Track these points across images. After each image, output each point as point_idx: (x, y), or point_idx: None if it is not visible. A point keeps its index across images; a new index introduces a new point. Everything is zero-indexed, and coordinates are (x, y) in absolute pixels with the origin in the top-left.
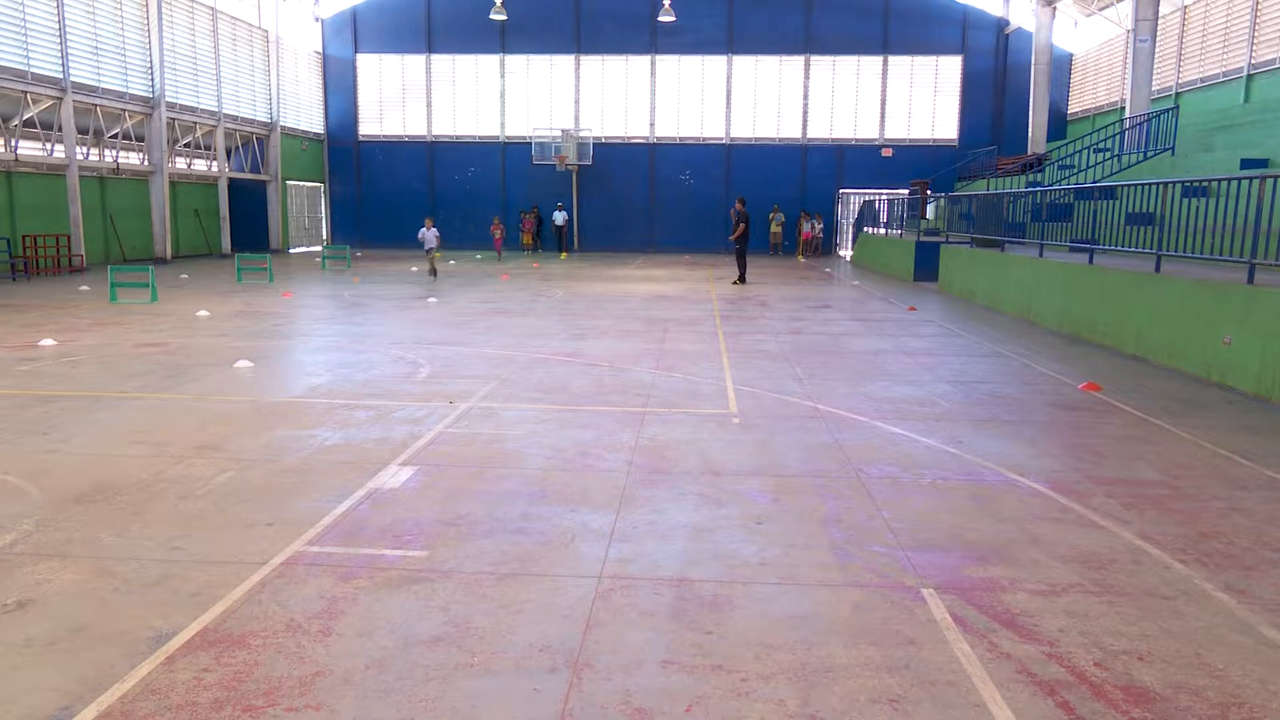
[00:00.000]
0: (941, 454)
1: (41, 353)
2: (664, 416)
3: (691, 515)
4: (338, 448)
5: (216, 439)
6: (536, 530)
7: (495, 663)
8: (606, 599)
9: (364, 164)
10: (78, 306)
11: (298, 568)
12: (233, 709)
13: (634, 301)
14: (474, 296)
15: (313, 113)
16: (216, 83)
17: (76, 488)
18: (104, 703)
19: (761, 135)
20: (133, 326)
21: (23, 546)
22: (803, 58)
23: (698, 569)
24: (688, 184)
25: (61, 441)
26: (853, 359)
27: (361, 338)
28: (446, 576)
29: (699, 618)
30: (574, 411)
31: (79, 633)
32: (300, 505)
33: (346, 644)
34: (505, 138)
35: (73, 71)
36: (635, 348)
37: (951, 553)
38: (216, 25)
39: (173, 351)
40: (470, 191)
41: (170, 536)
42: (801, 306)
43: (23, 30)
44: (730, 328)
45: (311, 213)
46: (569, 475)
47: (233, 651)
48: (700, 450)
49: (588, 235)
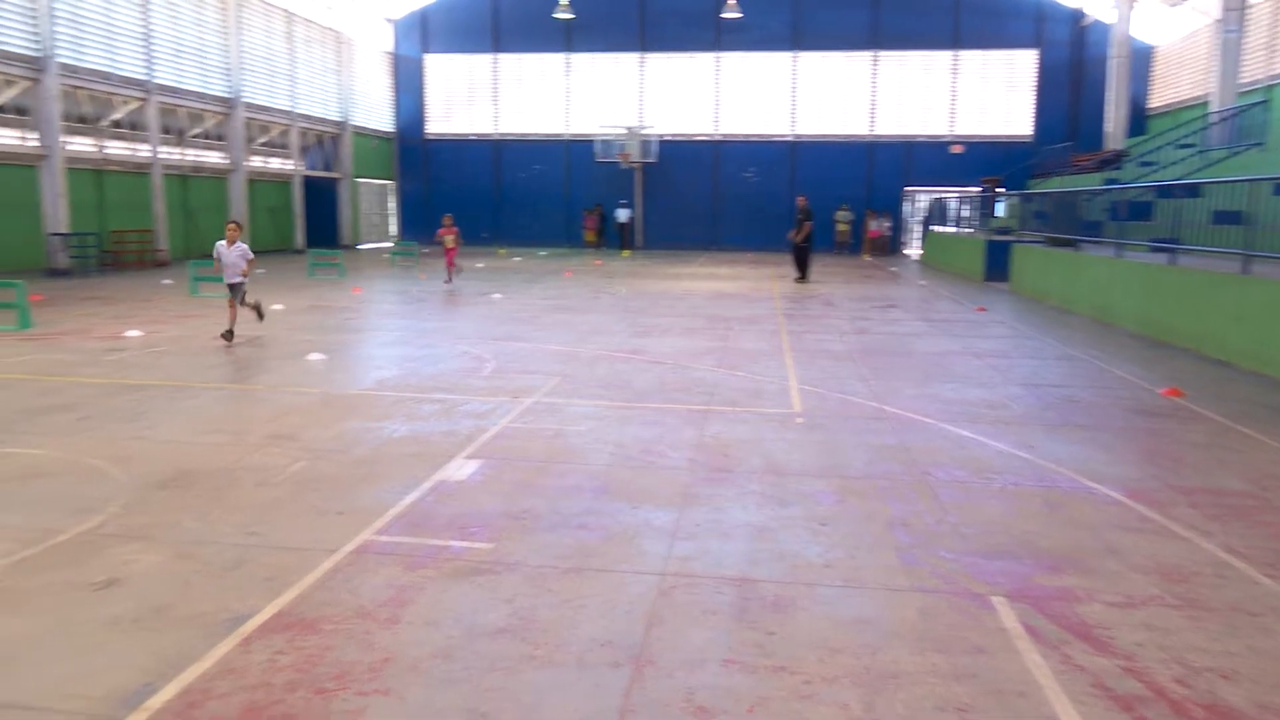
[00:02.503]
0: (1012, 458)
1: (128, 343)
2: (727, 415)
3: (754, 515)
4: (405, 440)
5: (290, 429)
6: (599, 526)
7: (558, 656)
8: (669, 596)
9: (431, 162)
10: (161, 299)
11: (367, 556)
12: (305, 691)
13: (696, 299)
14: (537, 293)
15: (382, 112)
16: (291, 83)
17: (160, 473)
18: (184, 680)
19: (827, 132)
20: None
21: (111, 528)
22: (870, 53)
23: (760, 569)
24: (751, 181)
25: (146, 429)
26: (919, 360)
27: (428, 333)
28: (511, 569)
29: (761, 618)
30: (636, 408)
31: (161, 612)
32: (370, 495)
33: (414, 632)
34: (569, 136)
35: (157, 74)
36: (697, 345)
37: (1023, 560)
38: (291, 28)
39: (249, 344)
40: (535, 189)
41: (246, 522)
42: (867, 306)
43: (110, 35)
44: (794, 327)
45: (380, 209)
46: (631, 472)
47: (305, 635)
48: (763, 449)
49: (650, 233)
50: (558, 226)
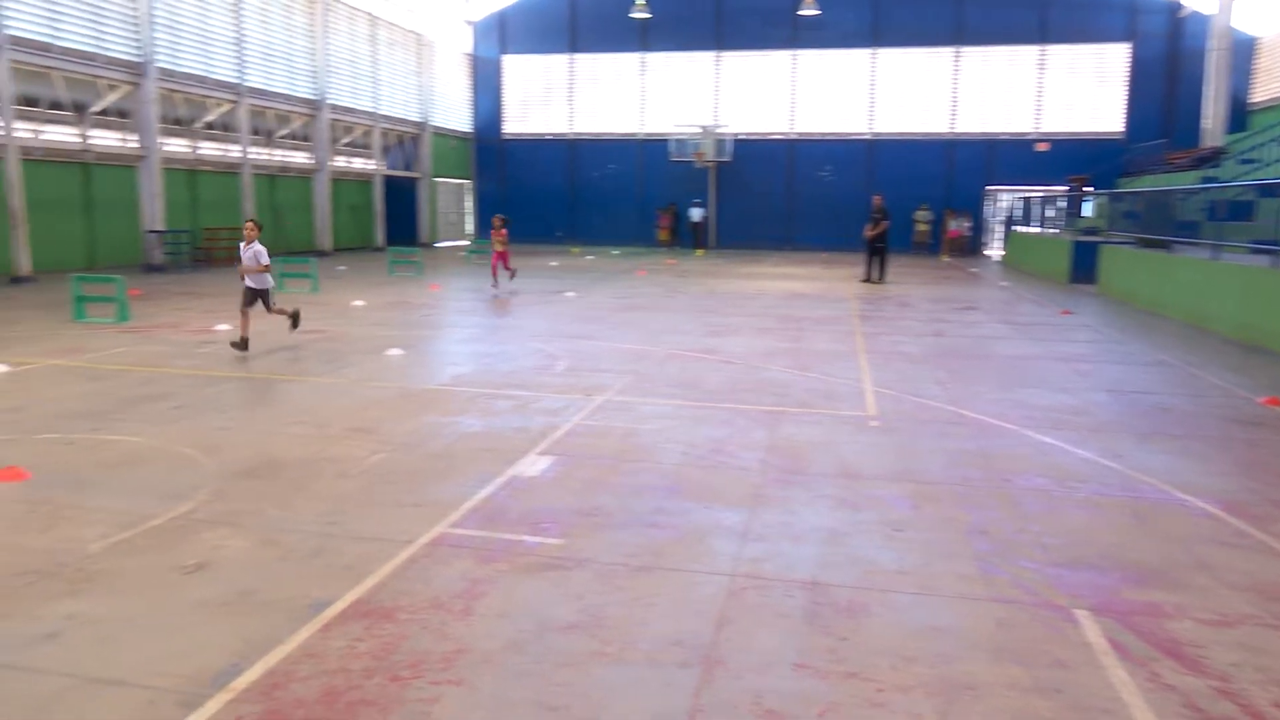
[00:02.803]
0: (1098, 467)
1: (218, 336)
2: (799, 416)
3: (827, 518)
4: (480, 435)
5: (370, 422)
6: (670, 525)
7: (628, 653)
8: (739, 597)
9: (507, 161)
10: None
11: (442, 548)
12: (381, 678)
13: (769, 299)
14: (609, 292)
15: (461, 112)
16: (374, 85)
17: (246, 462)
18: (268, 662)
19: (906, 130)
20: None
21: (201, 514)
22: (952, 49)
23: (832, 573)
24: (827, 180)
25: (234, 419)
26: (1000, 363)
27: (502, 330)
28: (582, 565)
29: (833, 623)
30: (708, 408)
31: (247, 596)
32: (445, 488)
33: (486, 624)
34: (644, 135)
35: (247, 77)
36: (770, 346)
37: (1109, 573)
38: (375, 30)
39: (331, 338)
40: (609, 189)
41: (327, 511)
42: (945, 307)
43: (205, 40)
44: (869, 328)
45: (457, 208)
46: (702, 471)
47: (382, 624)
48: (836, 452)
49: (724, 232)
50: (631, 226)
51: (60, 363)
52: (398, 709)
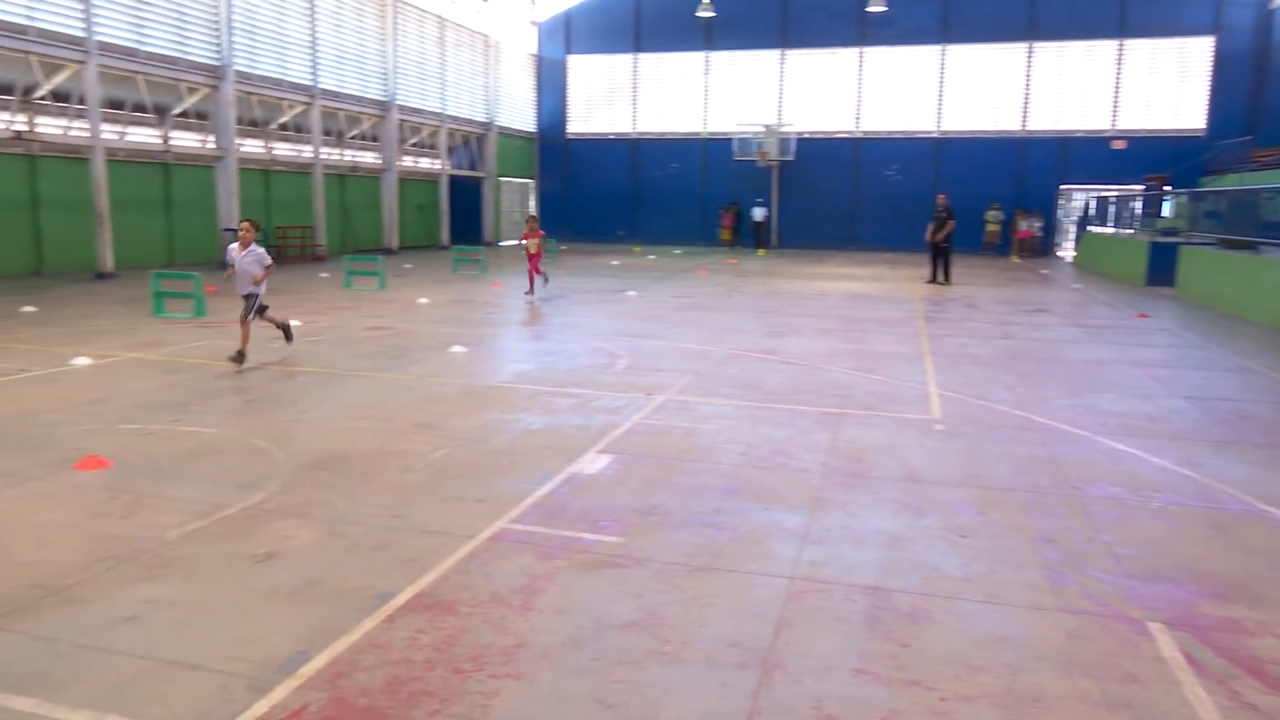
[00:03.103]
0: (1175, 476)
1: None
2: (861, 419)
3: (889, 522)
4: (541, 432)
5: (433, 418)
6: (729, 525)
7: (685, 653)
8: (798, 600)
9: (571, 161)
10: (319, 291)
11: (502, 543)
12: (443, 669)
13: (832, 300)
14: (671, 291)
15: (526, 112)
16: (441, 86)
17: (314, 455)
18: (334, 651)
19: (975, 128)
20: (363, 311)
21: (271, 505)
22: (1025, 45)
23: (895, 578)
24: (893, 180)
25: (303, 413)
26: (1071, 368)
27: (563, 328)
28: (640, 564)
29: (895, 629)
30: (768, 409)
31: (314, 586)
32: (506, 484)
33: (545, 620)
34: (707, 134)
35: (320, 79)
36: (832, 347)
37: (1185, 586)
38: (443, 33)
39: (397, 335)
40: (671, 187)
41: (392, 505)
42: (1014, 309)
43: (281, 44)
44: (934, 330)
45: (521, 207)
46: (762, 473)
47: (444, 616)
48: (899, 456)
49: (786, 232)
50: (693, 225)
51: (140, 356)
52: (458, 700)
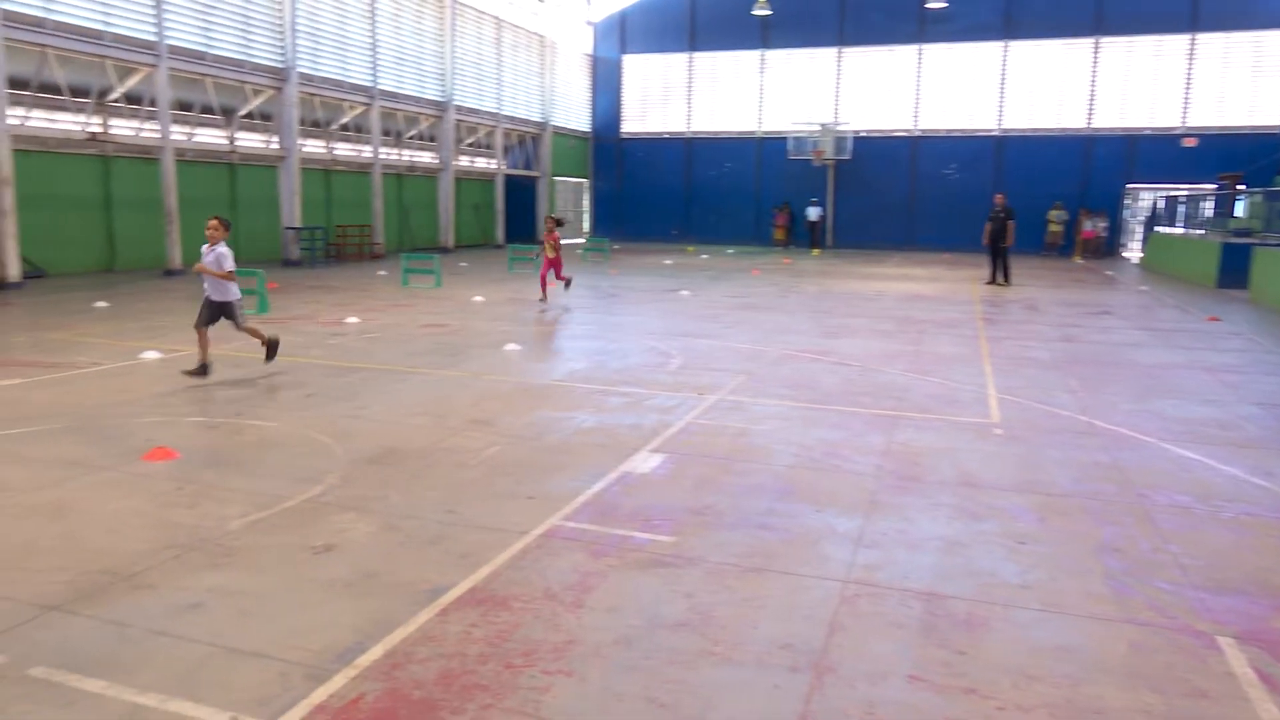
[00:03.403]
0: (1247, 485)
1: (347, 329)
2: (917, 422)
3: (945, 527)
4: (593, 430)
5: (487, 414)
6: (781, 527)
7: (736, 654)
8: (852, 604)
9: (625, 160)
10: (376, 289)
11: (555, 540)
12: (495, 664)
13: (888, 300)
14: (724, 290)
15: (580, 112)
16: (498, 86)
17: (371, 449)
18: (389, 643)
19: (1038, 126)
20: (419, 309)
21: (329, 498)
22: (1091, 40)
23: (951, 584)
24: (951, 179)
25: (361, 408)
26: (1137, 372)
27: (616, 327)
28: (692, 564)
29: (950, 635)
30: (822, 410)
31: (370, 578)
32: (558, 482)
33: (597, 618)
34: (761, 133)
35: (380, 81)
36: (888, 348)
37: (1257, 600)
38: (500, 33)
39: (452, 332)
40: (725, 187)
41: (446, 500)
42: (1076, 312)
43: (343, 46)
44: (993, 332)
45: (575, 207)
46: (815, 475)
47: (497, 612)
48: (956, 460)
49: (841, 232)
50: (746, 224)
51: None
52: (510, 695)
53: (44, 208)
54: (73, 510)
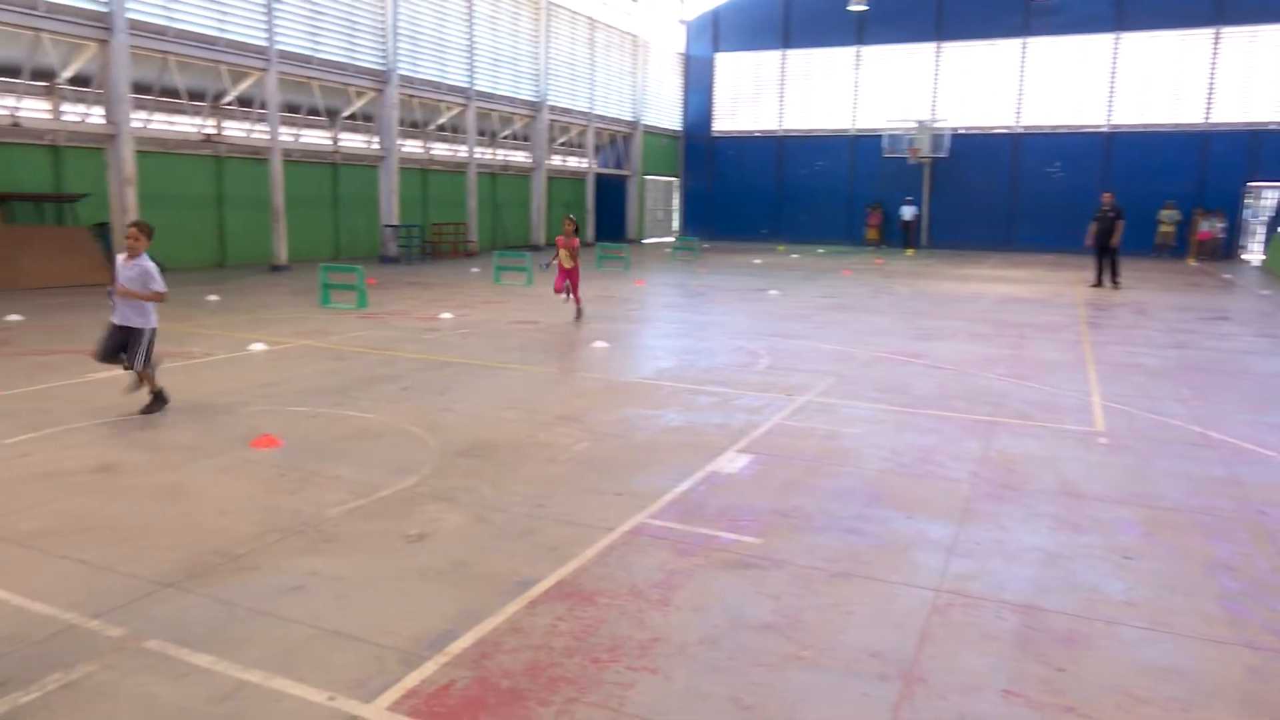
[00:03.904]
0: None
1: (441, 324)
2: (1016, 428)
3: (1044, 539)
4: (681, 429)
5: (576, 411)
6: (871, 532)
7: (824, 660)
8: (944, 614)
9: (716, 159)
10: (470, 286)
11: (641, 538)
12: (581, 658)
13: (985, 303)
14: (814, 291)
15: (671, 111)
16: (590, 86)
17: (463, 442)
18: (479, 632)
19: (1150, 121)
20: (511, 306)
21: (423, 488)
22: (1211, 30)
23: (1050, 598)
24: (1055, 177)
25: (454, 402)
26: (1257, 381)
27: (705, 326)
28: (778, 566)
29: (1049, 651)
30: (914, 414)
31: (461, 568)
32: (645, 479)
33: (682, 616)
34: (855, 131)
35: (476, 82)
36: (985, 352)
37: None
38: (593, 34)
39: (542, 330)
40: (816, 185)
41: (535, 494)
42: (1190, 317)
43: (441, 48)
44: (1099, 336)
45: (664, 205)
46: (907, 480)
47: (583, 606)
48: (1057, 469)
49: (937, 231)
50: (838, 224)
51: (309, 344)
52: (595, 689)
53: (162, 206)
54: (187, 493)
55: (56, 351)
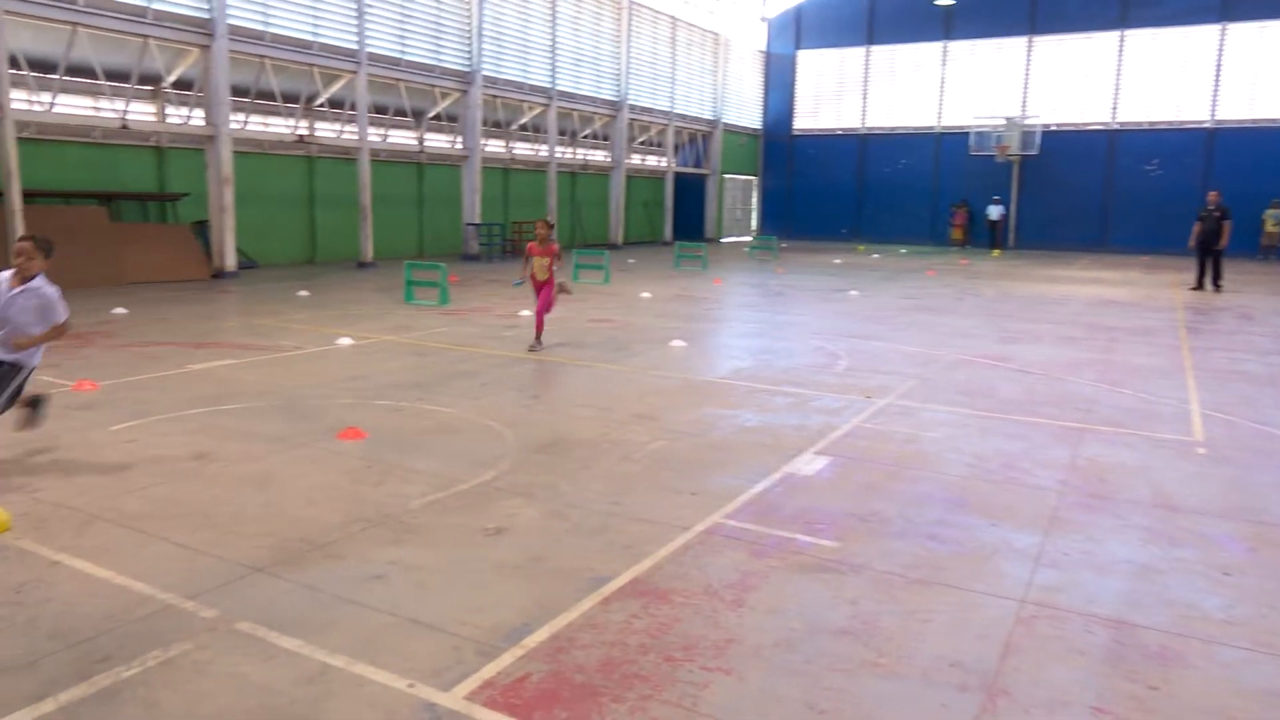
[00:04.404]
0: None
1: (520, 321)
2: (1107, 436)
3: (1137, 551)
4: (757, 429)
5: (652, 409)
6: (952, 539)
7: (901, 668)
8: (1028, 626)
9: (795, 158)
10: None
11: (716, 538)
12: (655, 656)
13: (1076, 305)
14: (896, 291)
15: (752, 109)
16: (670, 85)
17: (540, 438)
18: (554, 627)
19: (1259, 116)
20: (589, 304)
21: (501, 483)
22: None
23: (1142, 613)
24: (1153, 175)
25: (531, 398)
26: None
27: (783, 326)
28: (856, 571)
29: (1141, 668)
30: (999, 419)
31: (537, 563)
32: (721, 479)
33: (757, 618)
34: (941, 128)
35: (558, 82)
36: (1075, 356)
37: None
38: (675, 33)
39: (619, 328)
40: (899, 184)
41: (610, 491)
42: None
43: (524, 49)
44: (1198, 342)
45: (743, 204)
46: (991, 487)
47: (658, 604)
48: (1152, 479)
49: (1025, 231)
50: (921, 223)
51: (393, 339)
52: (669, 688)
53: (257, 204)
54: (276, 481)
55: (157, 343)
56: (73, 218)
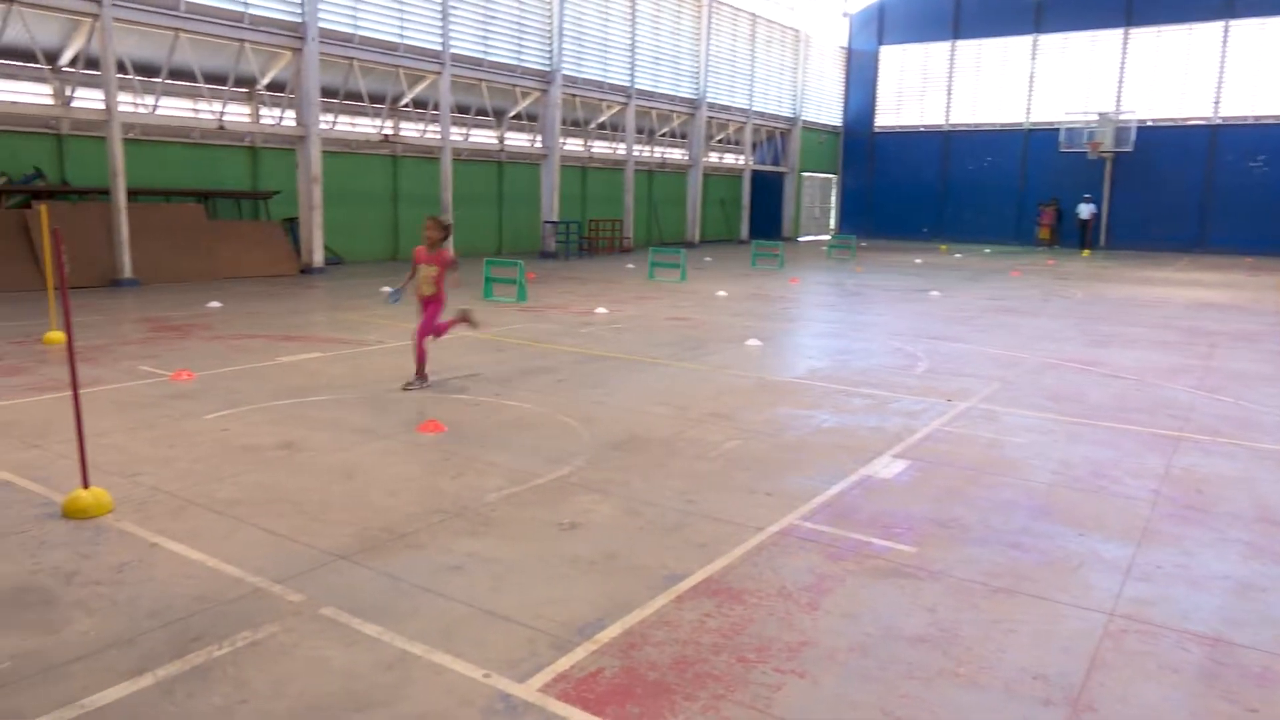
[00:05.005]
0: None
1: (596, 319)
2: (1205, 445)
3: (1236, 566)
4: (834, 431)
5: (727, 408)
6: (1036, 548)
7: (981, 678)
8: (1117, 640)
9: (877, 155)
10: (624, 282)
11: (790, 539)
12: (728, 656)
13: (1172, 308)
14: (979, 292)
15: (832, 107)
16: (749, 83)
17: (615, 435)
18: (626, 623)
19: None
20: (664, 302)
21: (576, 479)
22: None
23: (1242, 631)
24: (1259, 171)
25: (607, 395)
26: None
27: (861, 326)
28: (935, 578)
29: (1239, 689)
30: (1088, 425)
31: (611, 559)
32: (796, 480)
33: (831, 622)
34: (1029, 124)
35: (637, 80)
36: (1171, 361)
37: None
38: (755, 29)
39: (695, 326)
40: (984, 182)
41: (685, 489)
42: None
43: (604, 48)
44: None
45: (822, 203)
46: (1078, 495)
47: (731, 604)
48: (1254, 491)
49: (1117, 231)
50: (1007, 222)
51: (471, 335)
52: (741, 689)
53: (343, 203)
54: (360, 472)
55: (249, 336)
56: (172, 215)
